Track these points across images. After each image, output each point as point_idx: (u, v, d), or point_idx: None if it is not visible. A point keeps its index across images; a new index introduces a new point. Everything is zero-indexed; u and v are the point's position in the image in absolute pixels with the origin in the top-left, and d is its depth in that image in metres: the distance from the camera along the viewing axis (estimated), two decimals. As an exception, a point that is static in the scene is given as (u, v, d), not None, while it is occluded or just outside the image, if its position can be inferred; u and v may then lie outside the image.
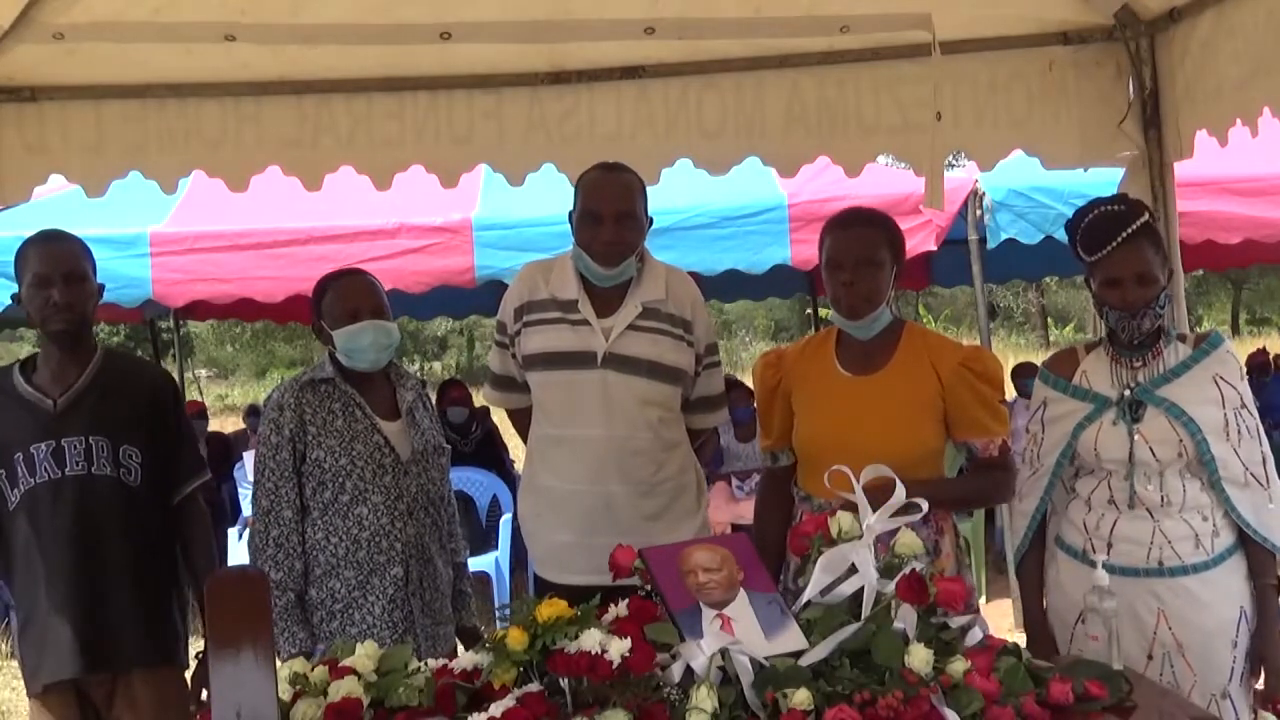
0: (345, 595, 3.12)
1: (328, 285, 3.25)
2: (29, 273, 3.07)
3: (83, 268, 3.11)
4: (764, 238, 6.14)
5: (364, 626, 3.09)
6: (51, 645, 3.03)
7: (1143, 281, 2.83)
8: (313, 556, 3.14)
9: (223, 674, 2.12)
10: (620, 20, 3.86)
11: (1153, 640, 2.84)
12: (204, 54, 3.82)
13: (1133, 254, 2.84)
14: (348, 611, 3.12)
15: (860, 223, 3.01)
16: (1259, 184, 6.15)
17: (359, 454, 3.13)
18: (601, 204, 3.19)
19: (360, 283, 3.24)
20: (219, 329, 31.98)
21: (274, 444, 3.14)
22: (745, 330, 38.41)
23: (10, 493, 3.06)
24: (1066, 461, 2.99)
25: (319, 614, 3.14)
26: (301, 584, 3.13)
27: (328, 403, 3.17)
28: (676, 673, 2.22)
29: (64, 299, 3.03)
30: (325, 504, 3.14)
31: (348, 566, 3.12)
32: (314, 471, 3.14)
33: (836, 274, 2.96)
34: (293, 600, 3.11)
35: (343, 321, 3.16)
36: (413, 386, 3.36)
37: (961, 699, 2.15)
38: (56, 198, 5.80)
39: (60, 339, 3.09)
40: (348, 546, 3.13)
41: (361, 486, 3.13)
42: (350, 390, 3.19)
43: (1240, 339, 29.33)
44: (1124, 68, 3.97)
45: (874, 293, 2.94)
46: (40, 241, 3.11)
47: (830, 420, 3.01)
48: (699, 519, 3.36)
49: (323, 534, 3.14)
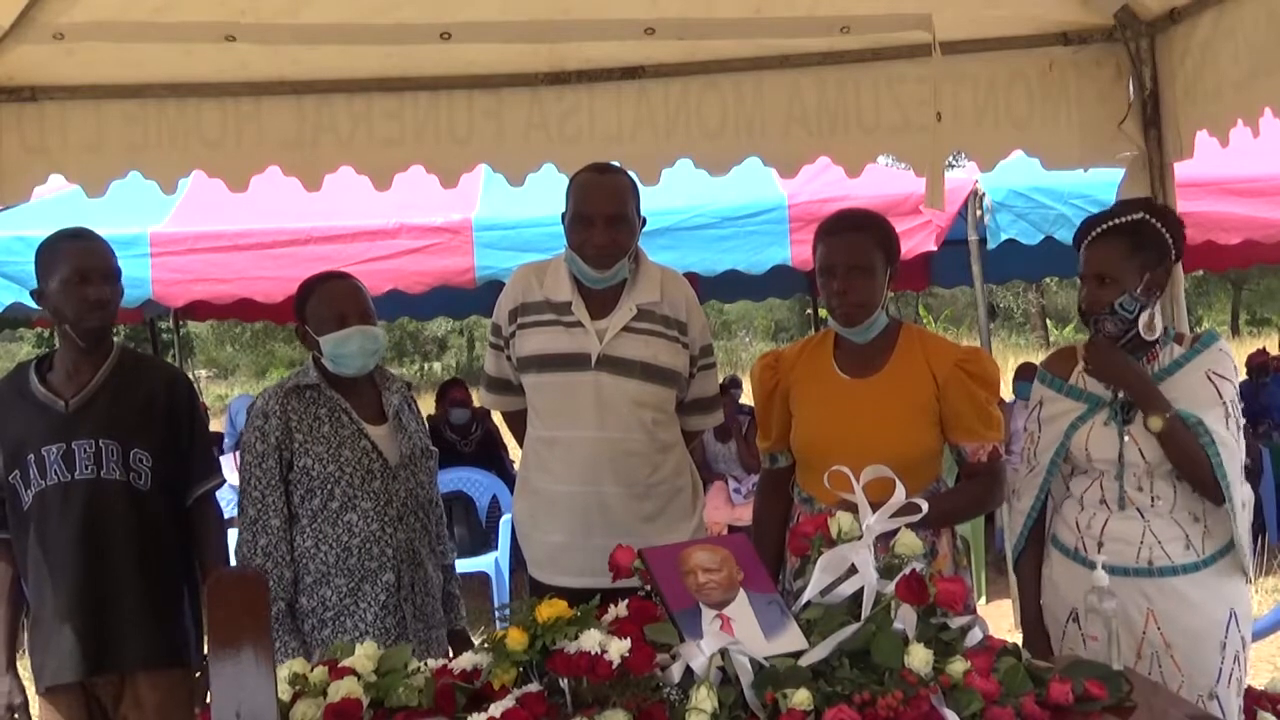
0: (337, 603, 3.10)
1: (312, 289, 3.22)
2: (63, 269, 3.05)
3: (116, 266, 3.14)
4: (764, 238, 6.14)
5: (356, 633, 3.06)
6: (55, 647, 3.03)
7: (1102, 282, 2.83)
8: (303, 565, 3.11)
9: (223, 674, 2.12)
10: (620, 20, 3.85)
11: (1141, 640, 2.84)
12: (204, 54, 3.82)
13: (1097, 252, 2.85)
14: (339, 619, 3.10)
15: (850, 228, 3.00)
16: (1259, 185, 6.14)
17: (347, 460, 3.11)
18: (592, 207, 3.18)
19: (346, 287, 3.21)
20: (219, 329, 32.00)
21: (259, 452, 3.11)
22: (745, 331, 38.42)
23: (24, 493, 3.06)
24: (1061, 460, 2.99)
25: (310, 622, 3.11)
26: (291, 593, 3.11)
27: (313, 409, 3.15)
28: (676, 673, 2.22)
29: (101, 296, 3.04)
30: (314, 511, 3.12)
31: (339, 574, 3.10)
32: (302, 479, 3.11)
33: (829, 281, 2.96)
34: (283, 609, 3.08)
35: (330, 327, 3.13)
36: (398, 389, 3.34)
37: (961, 699, 2.15)
38: (56, 198, 5.80)
39: (91, 336, 3.08)
40: (338, 554, 3.10)
41: (351, 493, 3.11)
42: (336, 396, 3.17)
43: (1240, 340, 29.32)
44: (1124, 68, 3.96)
45: (867, 299, 2.94)
46: (73, 238, 3.11)
47: (828, 423, 3.01)
48: (695, 521, 3.36)
49: (312, 542, 3.11)
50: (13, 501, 3.09)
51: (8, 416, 3.10)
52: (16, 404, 3.10)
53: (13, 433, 3.08)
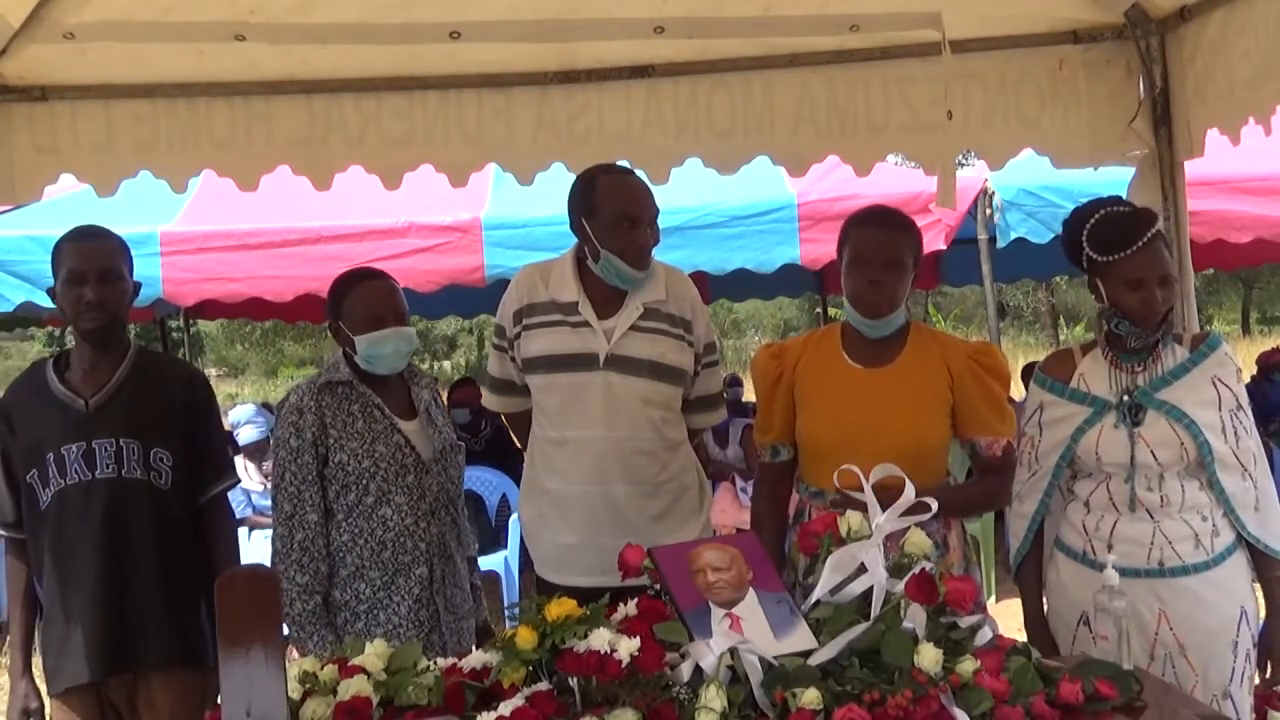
0: (370, 596, 3.10)
1: (349, 288, 3.21)
2: (63, 269, 3.05)
3: (118, 266, 3.09)
4: (773, 237, 6.13)
5: (390, 627, 3.07)
6: (72, 649, 3.02)
7: (1165, 284, 2.81)
8: (338, 559, 3.11)
9: (233, 672, 2.13)
10: (630, 19, 3.86)
11: (1154, 641, 2.83)
12: (214, 53, 3.83)
13: (1156, 255, 2.81)
14: (373, 612, 3.10)
15: (891, 224, 2.99)
16: (1269, 183, 6.12)
17: (381, 455, 3.12)
18: (637, 208, 3.18)
19: (384, 288, 3.20)
20: (229, 328, 32.02)
21: (294, 448, 3.10)
22: (754, 330, 38.41)
23: (42, 492, 3.05)
24: (1065, 464, 2.98)
25: (343, 615, 3.11)
26: (326, 586, 3.11)
27: (347, 404, 3.15)
28: (685, 672, 2.22)
29: (97, 297, 3.01)
30: (349, 507, 3.12)
31: (373, 568, 3.10)
32: (337, 475, 3.11)
33: (862, 270, 2.92)
34: (319, 603, 3.09)
35: (366, 327, 3.13)
36: (427, 385, 3.35)
37: (971, 698, 2.14)
38: (67, 197, 5.80)
39: (92, 337, 3.07)
40: (373, 548, 3.11)
41: (385, 488, 3.11)
42: (368, 391, 3.17)
43: (1251, 338, 29.27)
44: (1134, 66, 3.96)
45: (897, 295, 2.93)
46: (76, 238, 3.09)
47: (839, 411, 2.99)
48: (702, 519, 3.36)
49: (348, 536, 3.11)
50: (30, 501, 3.07)
51: (26, 415, 3.09)
52: (34, 403, 3.08)
53: (31, 431, 3.06)
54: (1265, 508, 2.86)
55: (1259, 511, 2.85)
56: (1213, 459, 2.81)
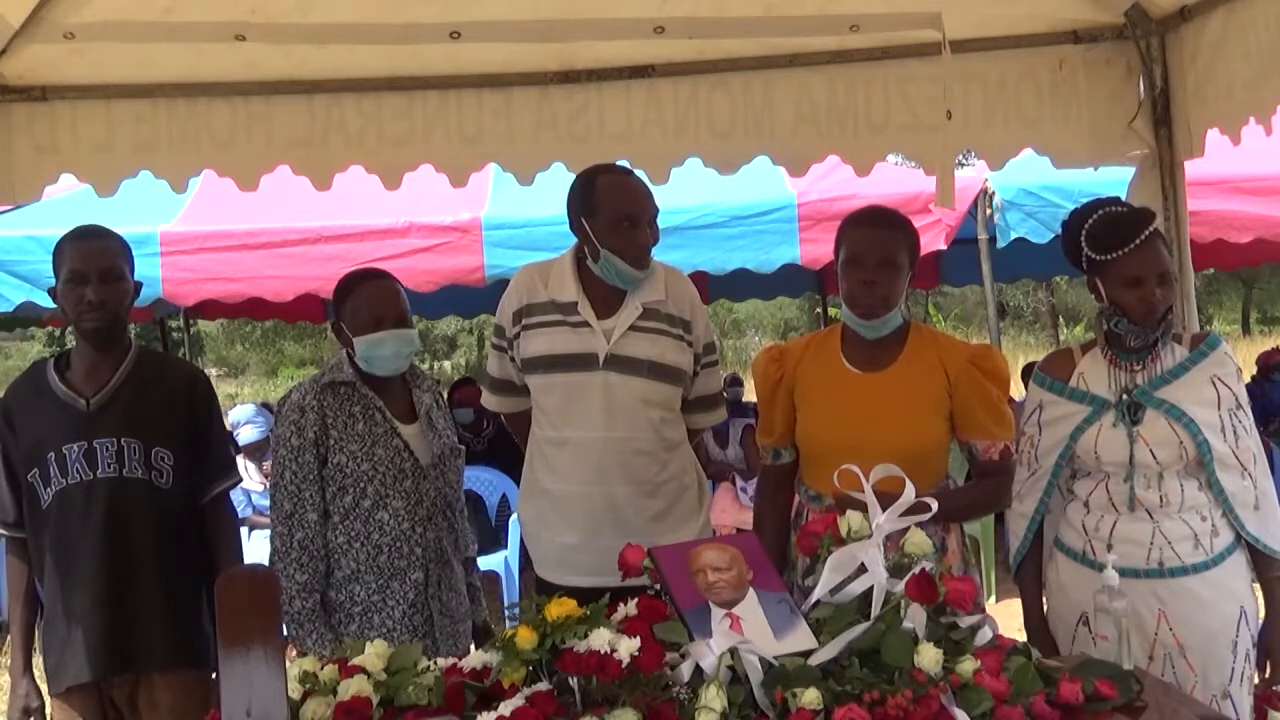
0: (365, 599, 3.10)
1: (352, 288, 3.20)
2: (65, 269, 3.05)
3: (119, 266, 3.09)
4: (773, 237, 6.13)
5: (384, 630, 3.07)
6: (74, 648, 3.02)
7: (1164, 281, 2.81)
8: (334, 560, 3.11)
9: (233, 672, 2.13)
10: (630, 19, 3.86)
11: (1154, 641, 2.83)
12: (214, 54, 3.83)
13: (1155, 253, 2.82)
14: (367, 615, 3.10)
15: (885, 224, 2.99)
16: (1269, 183, 6.13)
17: (380, 459, 3.11)
18: (638, 208, 3.19)
19: (385, 289, 3.19)
20: (229, 328, 32.01)
21: (295, 447, 3.10)
22: (755, 330, 38.40)
23: (43, 492, 3.05)
24: (1065, 464, 2.98)
25: (338, 617, 3.11)
26: (324, 586, 3.11)
27: (348, 405, 3.14)
28: (686, 672, 2.22)
29: (97, 297, 3.01)
30: (346, 509, 3.11)
31: (369, 571, 3.10)
32: (335, 476, 3.10)
33: (856, 271, 2.92)
34: (318, 602, 3.09)
35: (366, 329, 3.12)
36: (429, 388, 3.34)
37: (971, 699, 2.14)
38: (67, 197, 5.80)
39: (93, 337, 3.07)
40: (369, 552, 3.10)
41: (383, 491, 3.11)
42: (370, 394, 3.16)
43: (1251, 338, 29.26)
44: (1134, 66, 3.95)
45: (892, 295, 2.92)
46: (77, 238, 3.09)
47: (838, 416, 2.99)
48: (701, 519, 3.36)
49: (344, 539, 3.11)
50: (31, 500, 3.07)
51: (27, 415, 3.09)
52: (35, 402, 3.08)
53: (32, 431, 3.06)
54: (1265, 507, 2.86)
55: (1258, 511, 2.86)
56: (1212, 458, 2.81)
